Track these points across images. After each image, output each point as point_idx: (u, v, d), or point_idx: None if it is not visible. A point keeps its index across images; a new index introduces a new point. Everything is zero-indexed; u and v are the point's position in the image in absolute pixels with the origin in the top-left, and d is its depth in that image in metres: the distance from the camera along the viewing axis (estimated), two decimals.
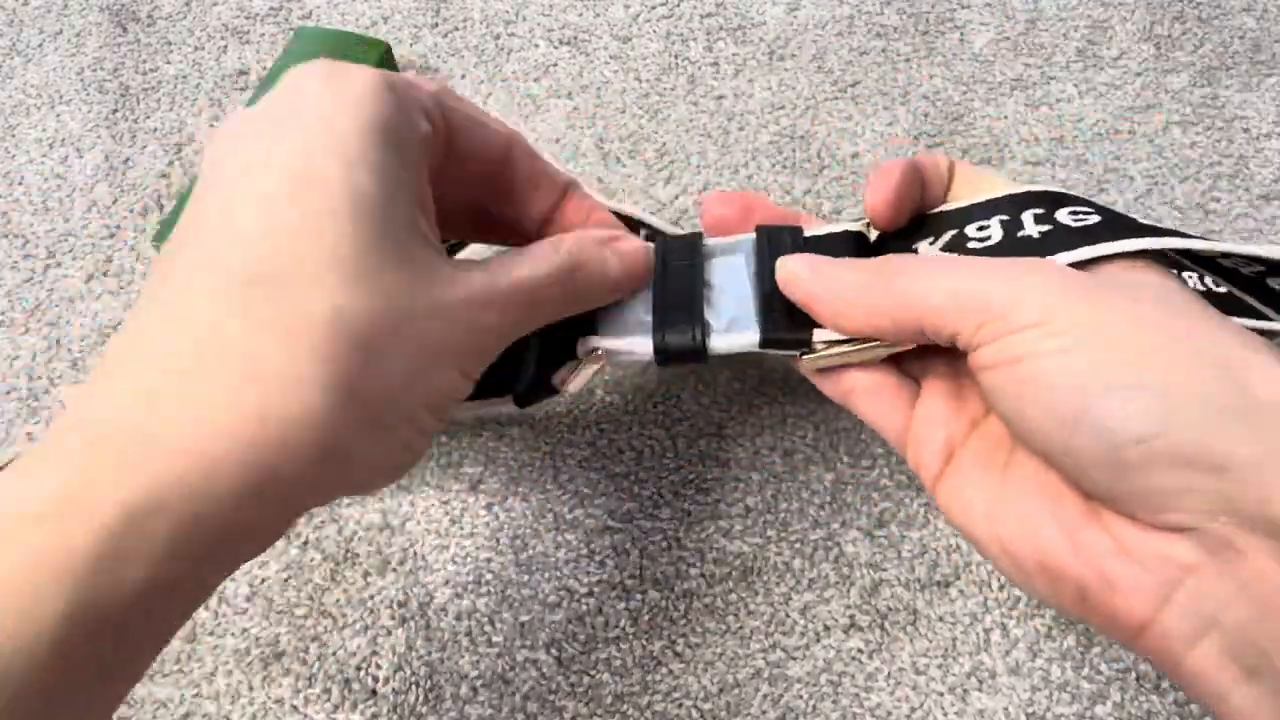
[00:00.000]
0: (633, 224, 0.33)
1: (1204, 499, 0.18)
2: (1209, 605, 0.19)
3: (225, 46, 0.46)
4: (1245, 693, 0.18)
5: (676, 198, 0.40)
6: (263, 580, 0.32)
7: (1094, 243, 0.24)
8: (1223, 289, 0.32)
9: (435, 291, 0.22)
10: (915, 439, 0.26)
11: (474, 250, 0.35)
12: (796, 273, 0.26)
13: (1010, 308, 0.21)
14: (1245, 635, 0.18)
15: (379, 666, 0.31)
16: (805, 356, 0.27)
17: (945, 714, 0.30)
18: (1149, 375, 0.19)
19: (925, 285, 0.23)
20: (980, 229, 0.26)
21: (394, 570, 0.32)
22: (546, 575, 0.32)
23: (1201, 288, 0.32)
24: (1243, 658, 0.18)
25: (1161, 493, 0.19)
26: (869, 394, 0.26)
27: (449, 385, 0.23)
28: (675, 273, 0.29)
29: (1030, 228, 0.25)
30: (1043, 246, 0.25)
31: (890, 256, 0.25)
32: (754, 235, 0.29)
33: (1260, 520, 0.18)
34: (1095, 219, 0.25)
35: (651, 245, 0.29)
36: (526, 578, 0.32)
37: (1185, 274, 0.31)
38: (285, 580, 0.32)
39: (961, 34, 0.45)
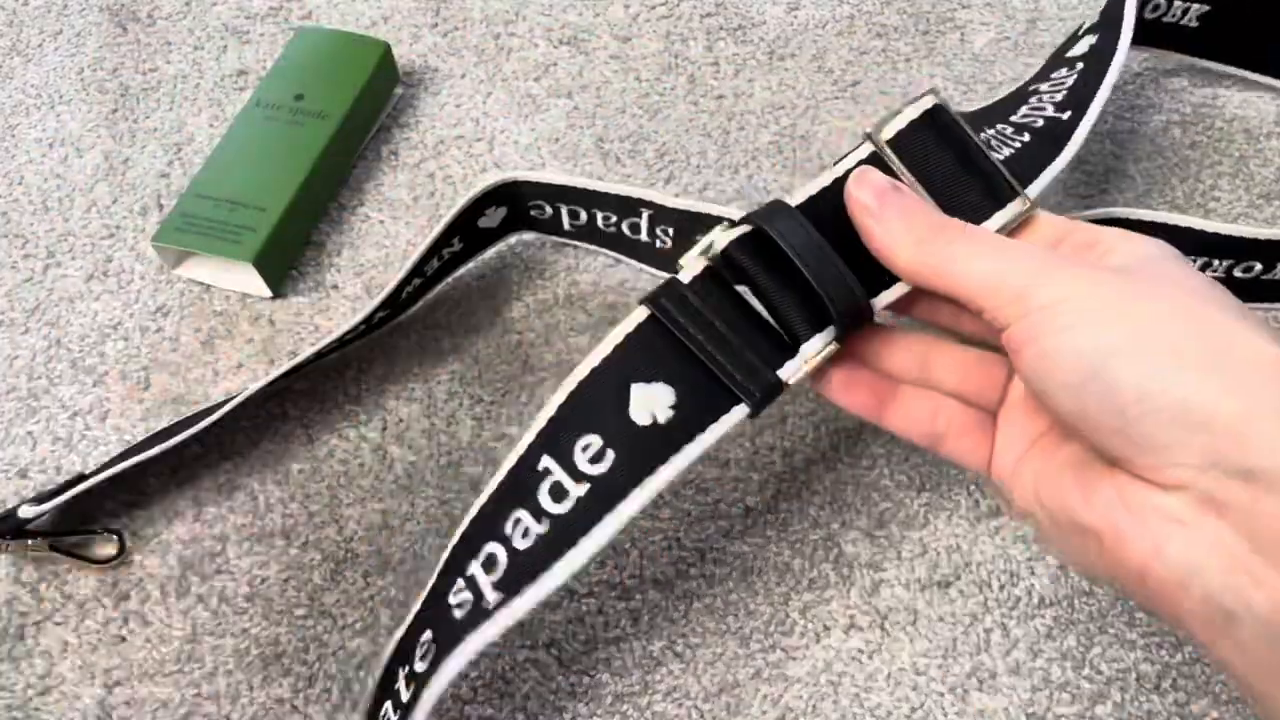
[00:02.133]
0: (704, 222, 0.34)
1: (1195, 453, 0.20)
2: (1193, 556, 0.20)
3: (225, 46, 0.46)
4: (1223, 644, 0.20)
5: (676, 197, 0.40)
6: (263, 580, 0.32)
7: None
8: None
9: None
10: (997, 463, 0.27)
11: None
12: (865, 202, 0.26)
13: (1028, 293, 0.23)
14: (1220, 585, 0.20)
15: (379, 666, 0.31)
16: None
17: (945, 714, 0.30)
18: (1145, 343, 0.21)
19: (968, 263, 0.24)
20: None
21: (394, 570, 0.32)
22: None
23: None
24: (1220, 608, 0.20)
25: (1159, 448, 0.21)
26: (960, 436, 0.27)
27: None
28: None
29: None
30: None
31: (951, 221, 0.26)
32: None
33: (1240, 470, 0.20)
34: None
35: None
36: None
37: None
38: (285, 580, 0.32)
39: (962, 34, 0.45)
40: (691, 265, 0.27)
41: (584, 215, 0.37)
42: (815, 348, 0.26)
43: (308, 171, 0.39)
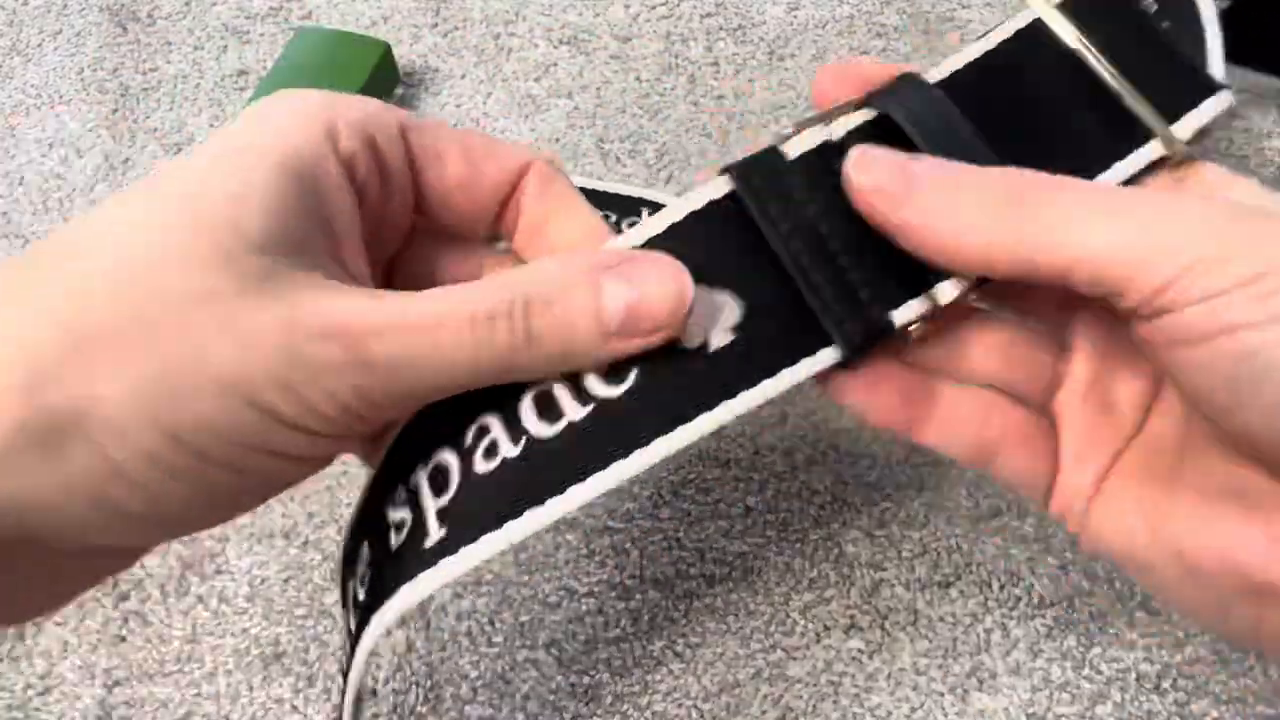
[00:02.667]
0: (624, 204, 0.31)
1: None
2: None
3: (225, 46, 0.46)
4: None
5: (676, 197, 0.40)
6: (263, 580, 0.32)
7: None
8: None
9: (244, 304, 0.18)
10: (1063, 484, 0.22)
11: None
12: (882, 185, 0.19)
13: (1214, 263, 0.16)
14: None
15: (379, 666, 0.31)
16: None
17: (945, 714, 0.30)
18: None
19: (1084, 225, 0.18)
20: None
21: None
22: (546, 575, 0.32)
23: None
24: None
25: None
26: (1017, 446, 0.22)
27: (224, 417, 0.18)
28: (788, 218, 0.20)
29: None
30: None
31: (1030, 175, 0.19)
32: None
33: None
34: None
35: (682, 273, 0.19)
36: (526, 578, 0.32)
37: None
38: (285, 580, 0.32)
39: (962, 34, 0.45)
40: (803, 139, 0.20)
41: None
42: (951, 291, 0.20)
43: None
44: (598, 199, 0.36)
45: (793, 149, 0.20)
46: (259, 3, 0.48)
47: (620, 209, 0.37)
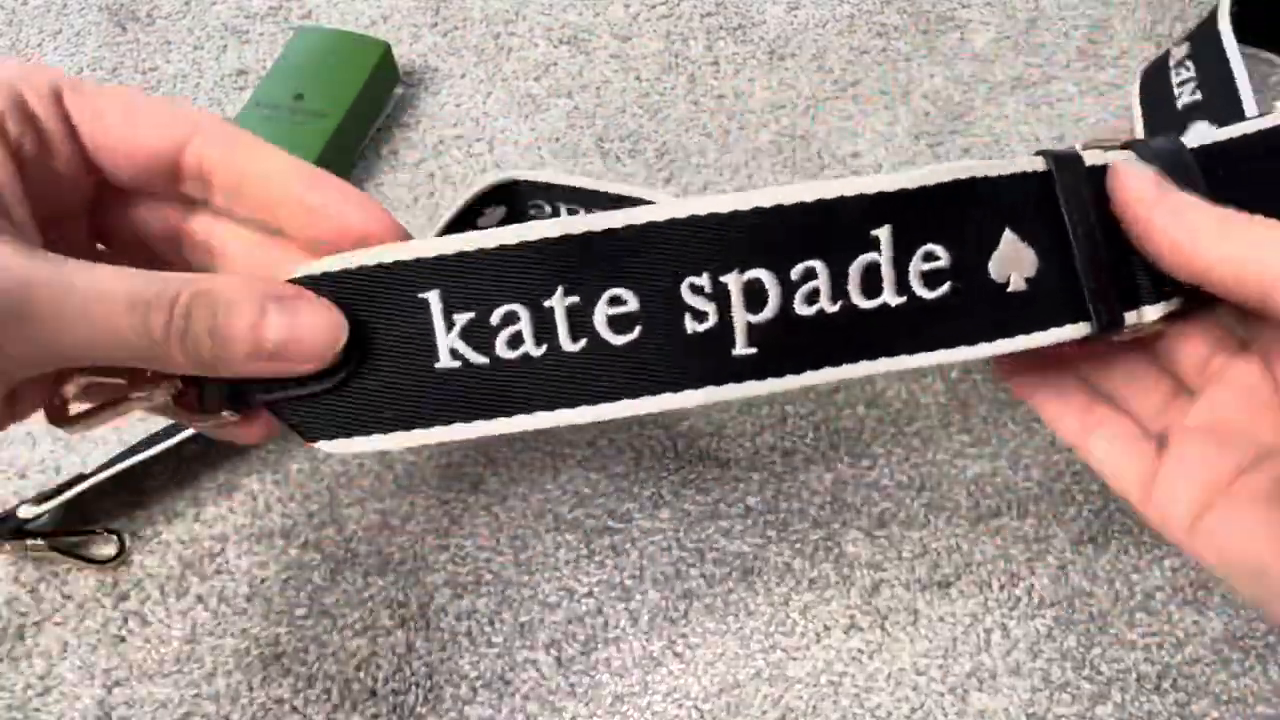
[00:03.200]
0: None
1: None
2: None
3: (225, 46, 0.46)
4: None
5: (676, 197, 0.40)
6: (263, 580, 0.32)
7: None
8: None
9: None
10: (1162, 487, 0.24)
11: None
12: (1142, 190, 0.23)
13: None
14: None
15: (379, 667, 0.31)
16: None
17: (945, 714, 0.30)
18: None
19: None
20: None
21: (394, 570, 0.32)
22: (546, 575, 0.32)
23: None
24: None
25: None
26: (1116, 433, 0.25)
27: None
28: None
29: None
30: None
31: (1237, 213, 0.22)
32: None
33: None
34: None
35: (339, 325, 0.22)
36: (526, 578, 0.32)
37: None
38: (285, 580, 0.32)
39: (962, 33, 0.45)
40: (1093, 155, 0.23)
41: (583, 214, 0.37)
42: (1155, 313, 0.23)
43: None
44: (597, 199, 0.37)
45: (1092, 158, 0.23)
46: (259, 2, 0.48)
47: (619, 209, 0.36)
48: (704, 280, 0.21)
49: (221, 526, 0.33)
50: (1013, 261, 0.22)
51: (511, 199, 0.37)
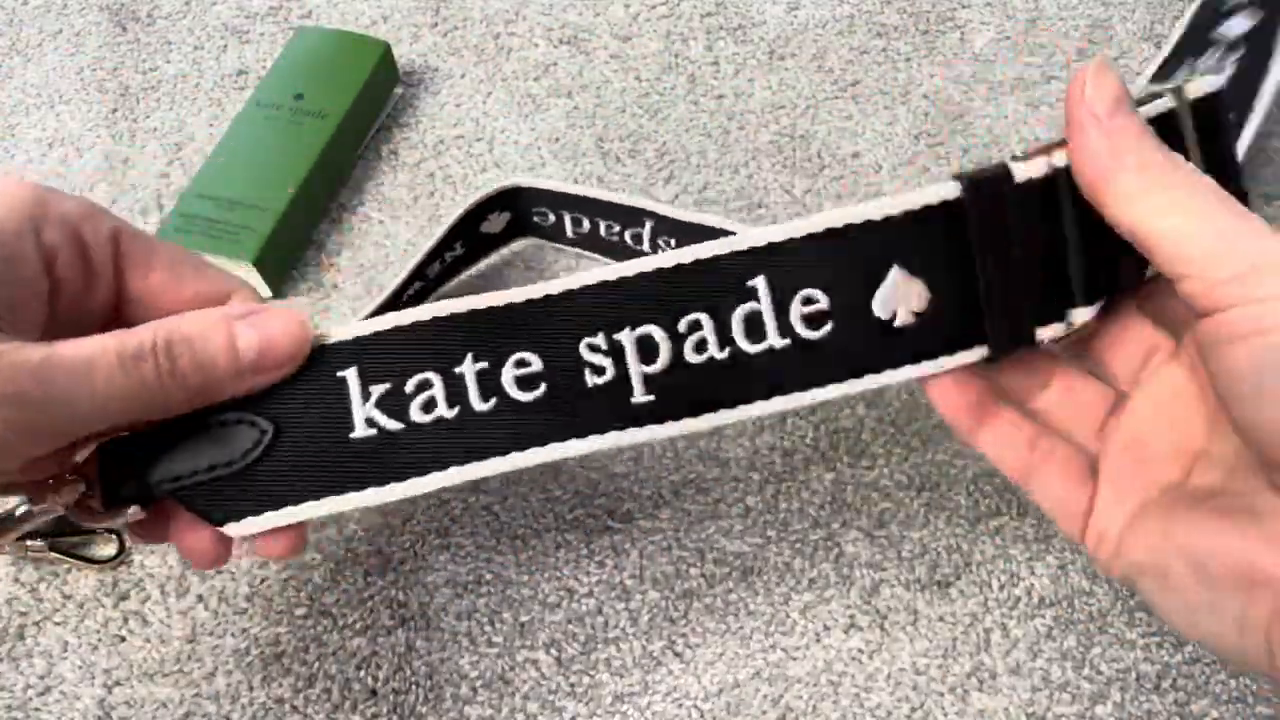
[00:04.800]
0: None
1: None
2: None
3: (225, 46, 0.46)
4: None
5: (676, 197, 0.40)
6: (263, 580, 0.32)
7: None
8: None
9: None
10: (1099, 515, 0.24)
11: None
12: (1095, 105, 0.22)
13: (1265, 271, 0.19)
14: None
15: (379, 666, 0.31)
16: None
17: (945, 714, 0.30)
18: None
19: (1192, 214, 0.20)
20: None
21: (394, 570, 0.32)
22: (546, 575, 0.32)
23: None
24: None
25: None
26: (1057, 472, 0.25)
27: None
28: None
29: None
30: None
31: (1182, 163, 0.21)
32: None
33: None
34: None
35: (303, 321, 0.24)
36: (526, 578, 0.32)
37: None
38: (285, 580, 0.32)
39: (962, 33, 0.45)
40: (1031, 167, 0.23)
41: (587, 223, 0.37)
42: (1084, 316, 0.23)
43: (307, 171, 0.39)
44: (601, 208, 0.37)
45: (1021, 173, 0.23)
46: (259, 2, 0.48)
47: (623, 219, 0.36)
48: (600, 339, 0.24)
49: None
50: (900, 297, 0.23)
51: (515, 204, 0.37)
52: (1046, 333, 0.23)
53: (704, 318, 0.23)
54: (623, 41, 0.46)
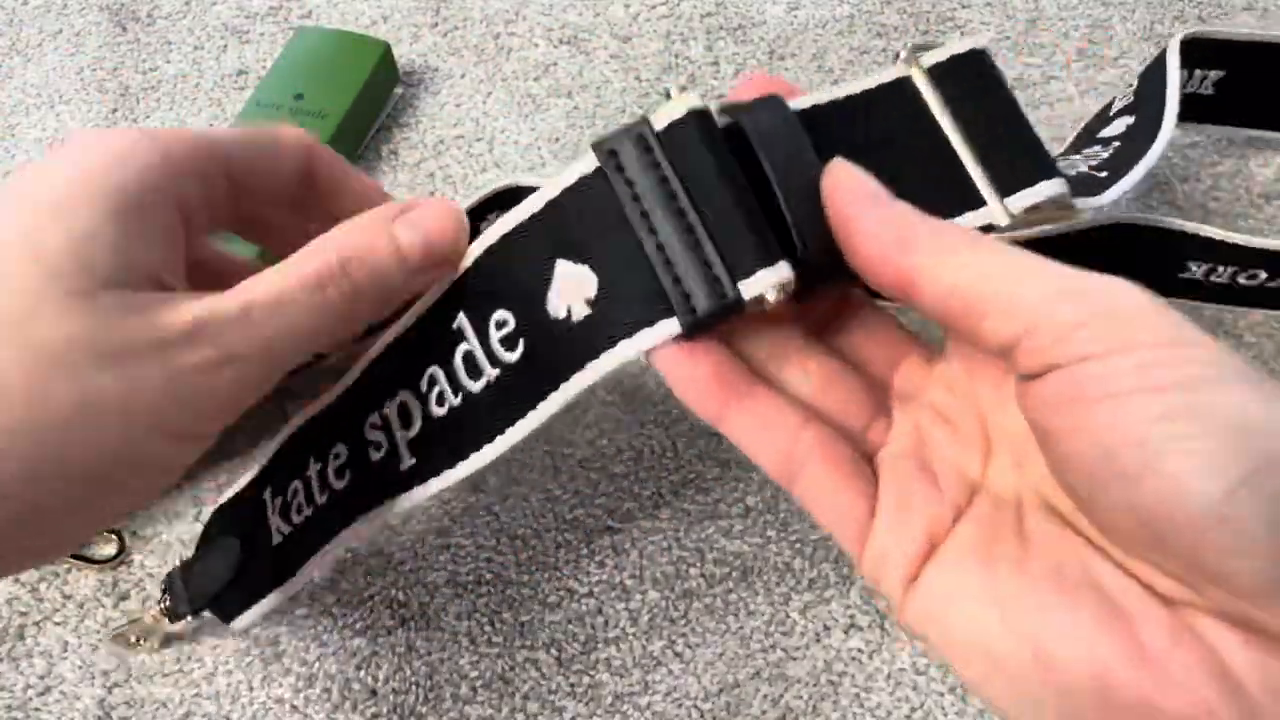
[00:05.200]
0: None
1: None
2: None
3: (225, 46, 0.46)
4: None
5: None
6: None
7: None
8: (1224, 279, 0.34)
9: (111, 335, 0.19)
10: (881, 532, 0.20)
11: None
12: (844, 205, 0.20)
13: (1079, 324, 0.17)
14: None
15: (379, 666, 0.31)
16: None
17: (945, 714, 0.30)
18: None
19: (977, 268, 0.18)
20: None
21: (394, 570, 0.32)
22: (546, 575, 0.32)
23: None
24: None
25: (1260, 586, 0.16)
26: (828, 472, 0.21)
27: (135, 451, 0.20)
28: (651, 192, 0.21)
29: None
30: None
31: (948, 225, 0.20)
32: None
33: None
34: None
35: (456, 211, 0.24)
36: (526, 578, 0.32)
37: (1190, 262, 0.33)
38: None
39: (962, 33, 0.45)
40: (673, 105, 0.21)
41: None
42: (778, 276, 0.20)
43: None
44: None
45: (660, 120, 0.21)
46: (259, 2, 0.48)
47: None
48: (375, 417, 0.25)
49: None
50: (571, 290, 0.21)
51: (515, 204, 0.37)
52: (751, 290, 0.20)
53: (436, 370, 0.24)
54: (623, 41, 0.46)
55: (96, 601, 0.32)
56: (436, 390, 0.24)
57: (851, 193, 0.20)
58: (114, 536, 0.33)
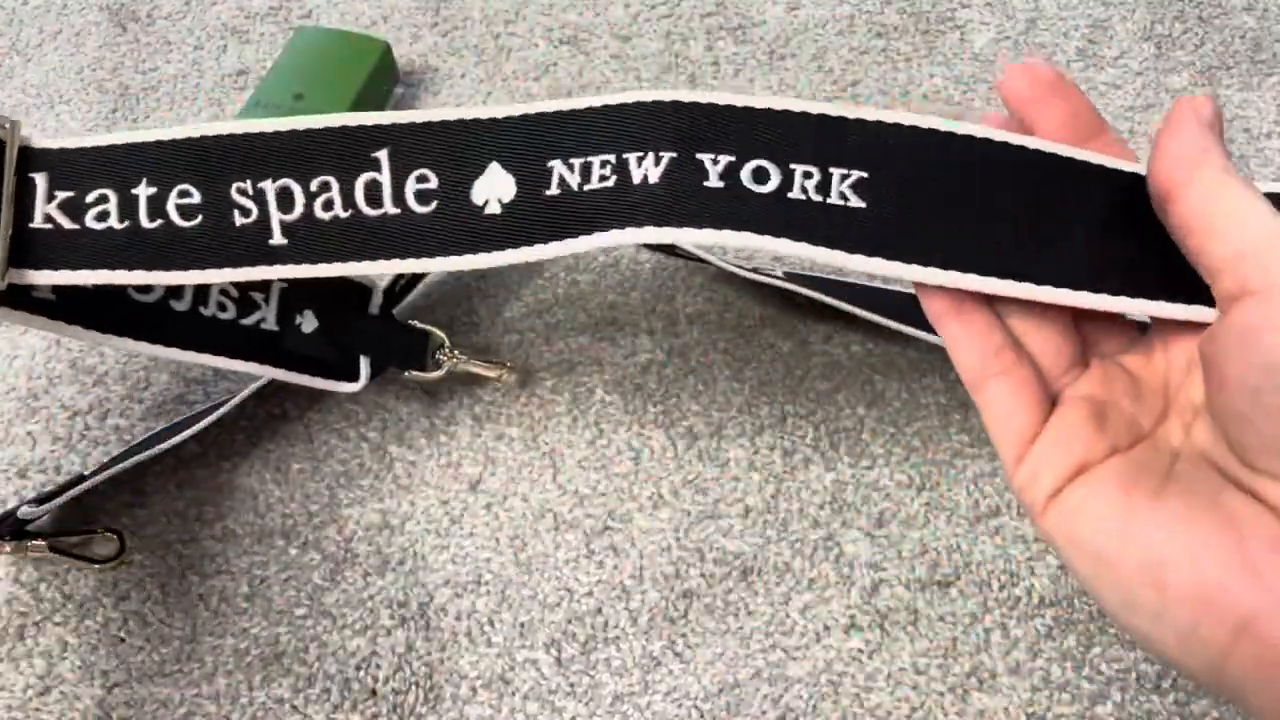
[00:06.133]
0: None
1: None
2: None
3: (225, 46, 0.46)
4: None
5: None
6: (262, 580, 0.32)
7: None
8: None
9: None
10: (1038, 452, 0.23)
11: None
12: (1199, 111, 0.22)
13: None
14: None
15: (379, 666, 0.31)
16: None
17: (945, 714, 0.30)
18: None
19: (1241, 201, 0.20)
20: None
21: (394, 570, 0.32)
22: (546, 575, 0.32)
23: None
24: None
25: None
26: (1012, 388, 0.24)
27: None
28: None
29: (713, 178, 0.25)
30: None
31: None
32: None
33: None
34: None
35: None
36: (526, 578, 0.32)
37: None
38: (285, 580, 0.32)
39: (962, 33, 0.45)
40: None
41: None
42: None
43: None
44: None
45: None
46: (259, 2, 0.48)
47: None
48: (247, 184, 0.27)
49: (221, 526, 0.33)
50: (496, 187, 0.26)
51: None
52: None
53: (332, 180, 0.26)
54: (623, 41, 0.46)
55: (96, 601, 0.32)
56: (325, 196, 0.26)
57: (1194, 115, 0.22)
58: (114, 536, 0.33)
